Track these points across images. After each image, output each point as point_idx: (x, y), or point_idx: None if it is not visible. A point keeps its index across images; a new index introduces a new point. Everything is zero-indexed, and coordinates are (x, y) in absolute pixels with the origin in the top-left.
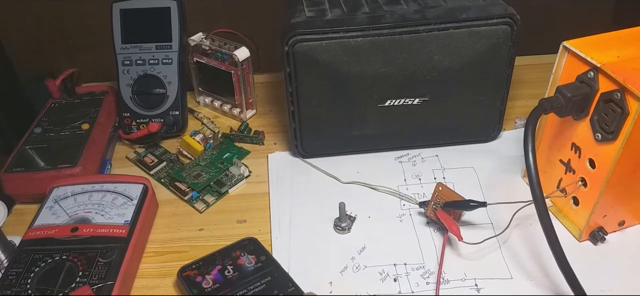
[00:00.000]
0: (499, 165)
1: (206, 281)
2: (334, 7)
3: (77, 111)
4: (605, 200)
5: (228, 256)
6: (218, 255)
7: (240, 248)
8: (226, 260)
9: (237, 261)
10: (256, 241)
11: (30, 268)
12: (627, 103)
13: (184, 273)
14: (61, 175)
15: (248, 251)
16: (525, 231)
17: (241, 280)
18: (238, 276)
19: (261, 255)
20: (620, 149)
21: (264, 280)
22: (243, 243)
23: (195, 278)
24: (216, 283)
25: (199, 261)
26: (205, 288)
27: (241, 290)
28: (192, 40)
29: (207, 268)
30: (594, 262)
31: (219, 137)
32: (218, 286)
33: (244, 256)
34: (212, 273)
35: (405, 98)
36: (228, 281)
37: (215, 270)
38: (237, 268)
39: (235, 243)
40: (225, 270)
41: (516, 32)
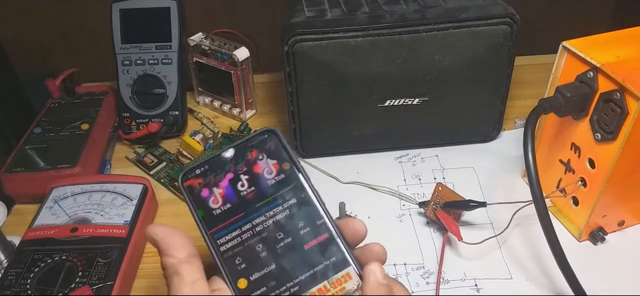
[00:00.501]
0: (499, 165)
1: (214, 199)
2: (334, 7)
3: (76, 111)
4: (604, 200)
5: (242, 156)
6: (229, 152)
7: (258, 146)
8: (240, 163)
9: (254, 167)
10: (278, 137)
11: (30, 268)
12: (627, 103)
13: (186, 181)
14: (61, 175)
15: (268, 152)
16: (525, 231)
17: (258, 200)
18: (254, 194)
19: (284, 160)
20: (619, 149)
21: (288, 202)
22: (262, 136)
23: (201, 190)
24: (227, 202)
25: (205, 164)
26: (214, 209)
27: (258, 216)
28: (191, 40)
29: (216, 175)
30: (594, 262)
31: (218, 137)
32: (229, 208)
33: (263, 159)
34: (221, 185)
35: (405, 98)
36: (242, 201)
37: (225, 180)
38: (254, 180)
39: (251, 136)
40: (239, 180)
41: (516, 32)
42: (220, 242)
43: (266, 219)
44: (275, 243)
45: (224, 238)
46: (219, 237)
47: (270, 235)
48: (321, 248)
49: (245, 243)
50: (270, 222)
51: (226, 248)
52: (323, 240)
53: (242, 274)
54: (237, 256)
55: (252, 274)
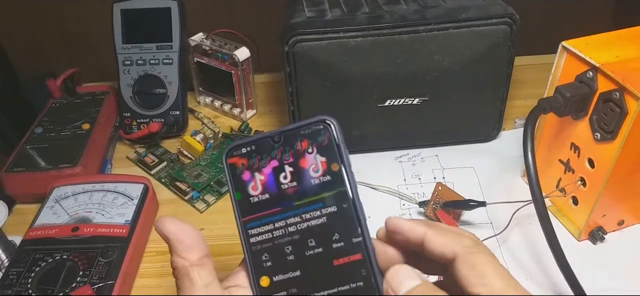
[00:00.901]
0: (499, 165)
1: (254, 185)
2: (334, 7)
3: (77, 111)
4: (604, 200)
5: (291, 144)
6: (279, 136)
7: (310, 137)
8: (286, 152)
9: (301, 159)
10: (334, 130)
11: (31, 267)
12: (626, 102)
13: (230, 157)
14: (62, 174)
15: (319, 146)
16: (524, 231)
17: (297, 198)
18: (295, 190)
19: (334, 161)
20: (619, 149)
21: (327, 210)
22: (317, 126)
23: (242, 171)
24: (266, 191)
25: (252, 143)
26: (251, 196)
27: (294, 215)
28: (192, 41)
29: (261, 158)
30: (594, 262)
31: (219, 137)
32: (267, 199)
33: (312, 153)
34: (264, 172)
35: (405, 98)
36: (281, 195)
37: (269, 167)
38: (297, 174)
39: (305, 123)
40: (282, 171)
41: (515, 32)
42: (251, 233)
43: (301, 221)
44: (305, 250)
45: (255, 229)
46: (250, 227)
47: (302, 239)
48: (351, 269)
49: (275, 240)
50: (305, 225)
51: (256, 241)
52: (355, 261)
53: (266, 272)
54: (264, 251)
55: (276, 275)
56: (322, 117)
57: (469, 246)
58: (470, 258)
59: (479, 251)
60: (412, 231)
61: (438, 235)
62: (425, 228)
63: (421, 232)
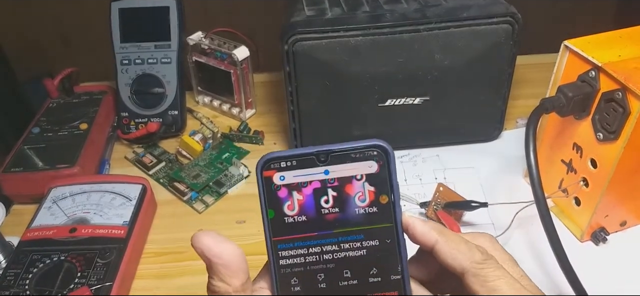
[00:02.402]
0: (500, 165)
1: (291, 204)
2: (334, 6)
3: (75, 111)
4: (607, 200)
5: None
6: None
7: (361, 160)
8: (331, 177)
9: (347, 184)
10: (389, 158)
11: (29, 268)
12: (629, 102)
13: (266, 170)
14: (59, 175)
15: (368, 174)
16: (526, 231)
17: (338, 226)
18: (336, 217)
19: (383, 193)
20: (621, 149)
21: (368, 243)
22: (370, 151)
23: (279, 188)
24: (303, 213)
25: (294, 158)
26: (286, 215)
27: (331, 243)
28: (191, 40)
29: (301, 177)
30: (596, 263)
31: (218, 137)
32: (303, 221)
33: (361, 180)
34: (303, 192)
35: (405, 97)
36: (319, 219)
37: (309, 188)
38: (341, 200)
39: (358, 146)
40: (324, 194)
41: (517, 31)
42: (281, 254)
43: (338, 250)
44: (339, 280)
45: (286, 251)
46: (282, 249)
47: (337, 269)
48: None
49: (307, 266)
50: (342, 255)
51: (286, 264)
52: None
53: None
54: (294, 276)
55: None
56: (378, 142)
57: (478, 261)
58: (480, 273)
59: (488, 266)
60: (424, 236)
61: (449, 247)
62: (438, 237)
63: (433, 240)
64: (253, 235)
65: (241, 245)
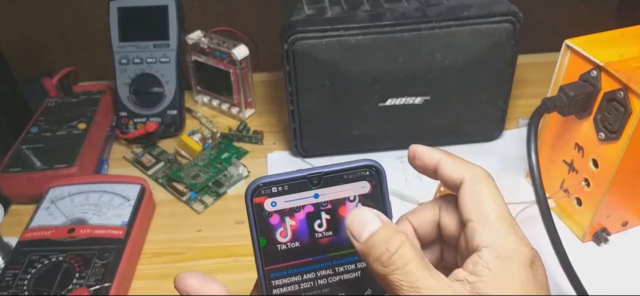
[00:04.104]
0: (501, 165)
1: (283, 231)
2: (334, 4)
3: (73, 110)
4: (608, 201)
5: (331, 188)
6: (318, 179)
7: (354, 181)
8: (324, 200)
9: (340, 207)
10: (381, 178)
11: (27, 269)
12: (630, 102)
13: (255, 197)
14: (58, 175)
15: (361, 195)
16: (527, 232)
17: (332, 250)
18: (330, 240)
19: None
20: (623, 149)
21: (362, 264)
22: (363, 172)
23: (270, 215)
24: (296, 239)
25: (286, 183)
26: (279, 243)
27: (326, 268)
28: (190, 39)
29: (293, 202)
30: (597, 263)
31: (217, 137)
32: (296, 247)
33: (354, 201)
34: (296, 217)
35: (406, 97)
36: (313, 244)
37: (302, 213)
38: (334, 224)
39: (351, 167)
40: (317, 218)
41: (519, 30)
42: (275, 283)
43: (333, 274)
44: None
45: (280, 279)
46: (275, 277)
47: (332, 292)
48: None
49: (302, 293)
50: (337, 278)
51: (280, 293)
52: None
53: None
54: None
55: None
56: (369, 162)
57: (477, 174)
58: (475, 186)
59: (485, 182)
60: (429, 155)
61: (452, 161)
62: (442, 154)
63: (437, 157)
64: None
65: (242, 246)
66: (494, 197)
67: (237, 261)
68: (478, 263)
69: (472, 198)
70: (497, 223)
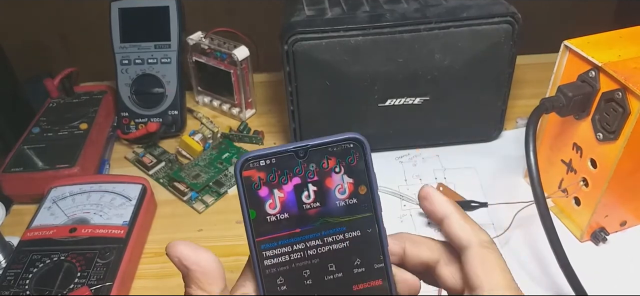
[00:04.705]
0: (500, 165)
1: (272, 202)
2: (334, 5)
3: (75, 111)
4: (606, 200)
5: (317, 161)
6: (304, 152)
7: (339, 155)
8: (310, 169)
9: (326, 179)
10: (365, 150)
11: (29, 268)
12: (629, 102)
13: (245, 170)
14: (59, 175)
15: (347, 166)
16: (526, 231)
17: (319, 219)
18: (318, 211)
19: (362, 183)
20: (621, 149)
21: (350, 234)
22: (347, 144)
23: (259, 187)
24: (285, 210)
25: (273, 156)
26: (268, 215)
27: (315, 238)
28: (191, 39)
29: (281, 174)
30: (596, 263)
31: (218, 137)
32: (286, 218)
33: (339, 173)
34: (284, 189)
35: (405, 97)
36: (302, 215)
37: (290, 185)
38: (322, 194)
39: (334, 140)
40: (304, 189)
41: (517, 31)
42: (265, 255)
43: (322, 244)
44: (324, 274)
45: (271, 251)
46: (265, 248)
47: (321, 263)
48: (370, 294)
49: (292, 263)
50: (326, 248)
51: (271, 264)
52: (375, 286)
53: None
54: (280, 275)
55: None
56: (353, 135)
57: (485, 241)
58: (483, 252)
59: (492, 250)
60: (440, 205)
61: (461, 219)
62: (452, 209)
63: (448, 211)
64: None
65: (242, 245)
66: (502, 267)
67: (237, 261)
68: None
69: (481, 266)
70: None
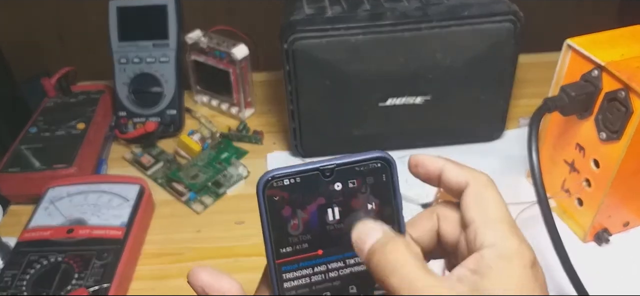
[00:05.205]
0: (503, 165)
1: (295, 224)
2: (334, 4)
3: (72, 110)
4: (609, 201)
5: (343, 179)
6: (330, 172)
7: (366, 174)
8: (336, 190)
9: (353, 199)
10: (392, 170)
11: (26, 269)
12: (632, 102)
13: (269, 189)
14: (57, 175)
15: (373, 186)
16: (528, 232)
17: (341, 239)
18: (341, 232)
19: (387, 203)
20: (624, 149)
21: None
22: (374, 164)
23: (283, 207)
24: (308, 232)
25: (298, 175)
26: (290, 236)
27: (337, 260)
28: (189, 38)
29: (306, 194)
30: (599, 263)
31: (216, 137)
32: (308, 239)
33: (365, 193)
34: (308, 210)
35: (406, 97)
36: (325, 236)
37: (314, 205)
38: (346, 214)
39: (362, 159)
40: (329, 210)
41: (519, 30)
42: (285, 276)
43: (344, 267)
44: None
45: (292, 273)
46: (286, 270)
47: (342, 286)
48: None
49: (312, 286)
50: (348, 271)
51: (291, 286)
52: None
53: None
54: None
55: None
56: (381, 154)
57: (482, 179)
58: (479, 189)
59: (489, 186)
60: (432, 162)
61: (455, 166)
62: (445, 161)
63: (440, 163)
64: (252, 236)
65: (241, 246)
66: (496, 200)
67: (236, 262)
68: (480, 262)
69: (475, 201)
70: (500, 224)
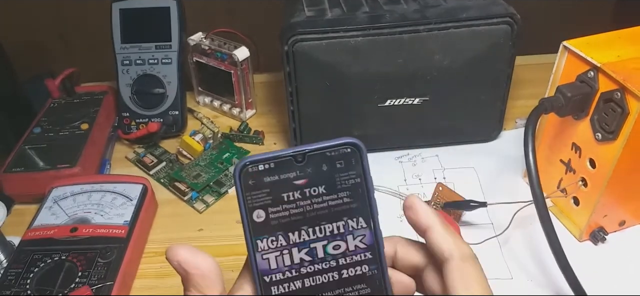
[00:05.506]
0: (500, 165)
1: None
2: (334, 6)
3: (76, 111)
4: (605, 200)
5: (315, 164)
6: (302, 156)
7: (337, 159)
8: (308, 174)
9: (324, 182)
10: (361, 154)
11: (30, 268)
12: (627, 102)
13: (245, 173)
14: (60, 175)
15: (344, 170)
16: (525, 231)
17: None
18: (315, 215)
19: (359, 187)
20: (620, 149)
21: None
22: (344, 149)
23: (258, 189)
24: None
25: (271, 161)
26: (266, 218)
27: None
28: (191, 40)
29: (280, 178)
30: (595, 262)
31: (218, 137)
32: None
33: (336, 177)
34: (282, 192)
35: (405, 98)
36: (299, 219)
37: (288, 190)
38: (319, 198)
39: (331, 145)
40: (302, 195)
41: (516, 31)
42: (263, 257)
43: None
44: (322, 278)
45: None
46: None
47: (319, 267)
48: (367, 294)
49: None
50: (324, 252)
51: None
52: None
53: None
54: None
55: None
56: (350, 140)
57: (466, 254)
58: (463, 265)
59: (473, 264)
60: (424, 215)
61: (444, 231)
62: (436, 220)
63: (431, 222)
64: None
65: (242, 245)
66: (480, 281)
67: (237, 260)
68: None
69: (460, 278)
70: None
